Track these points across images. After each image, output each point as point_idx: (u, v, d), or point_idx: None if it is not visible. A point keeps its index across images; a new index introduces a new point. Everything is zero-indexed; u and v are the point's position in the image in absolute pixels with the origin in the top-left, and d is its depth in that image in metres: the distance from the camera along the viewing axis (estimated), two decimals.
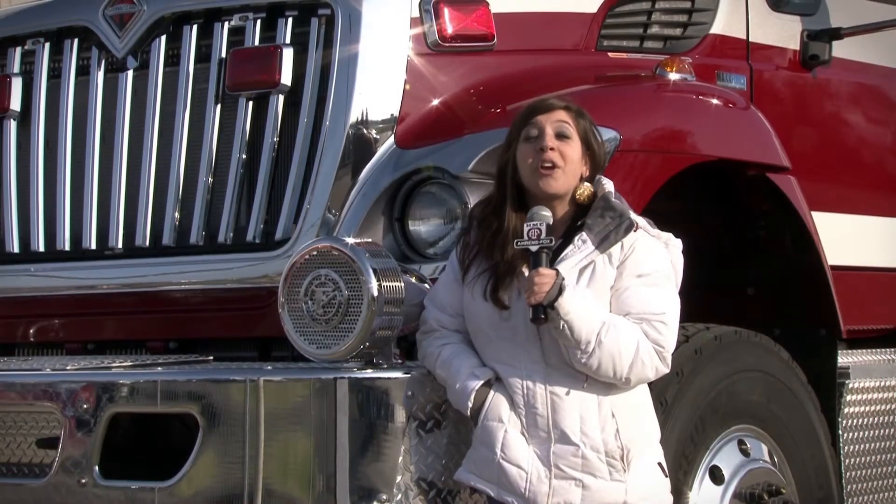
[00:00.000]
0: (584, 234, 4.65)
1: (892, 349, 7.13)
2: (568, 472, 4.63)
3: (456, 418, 4.84)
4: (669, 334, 4.70)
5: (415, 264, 5.21)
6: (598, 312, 4.59)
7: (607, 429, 4.65)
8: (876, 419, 6.67)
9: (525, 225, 4.57)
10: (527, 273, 4.58)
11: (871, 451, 6.62)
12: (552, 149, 4.66)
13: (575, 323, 4.51)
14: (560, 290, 4.47)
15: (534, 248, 4.53)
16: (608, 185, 4.78)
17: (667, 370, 4.76)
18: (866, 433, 6.60)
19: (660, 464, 4.82)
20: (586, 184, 4.76)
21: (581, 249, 4.64)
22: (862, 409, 6.57)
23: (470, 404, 4.69)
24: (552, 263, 4.58)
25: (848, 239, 6.60)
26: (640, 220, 4.74)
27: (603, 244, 4.64)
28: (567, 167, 4.69)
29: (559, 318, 4.49)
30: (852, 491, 6.44)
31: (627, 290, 4.67)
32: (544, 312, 4.49)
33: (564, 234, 4.71)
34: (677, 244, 4.83)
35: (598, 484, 4.64)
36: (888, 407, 6.76)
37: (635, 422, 4.75)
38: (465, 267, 4.80)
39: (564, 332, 4.52)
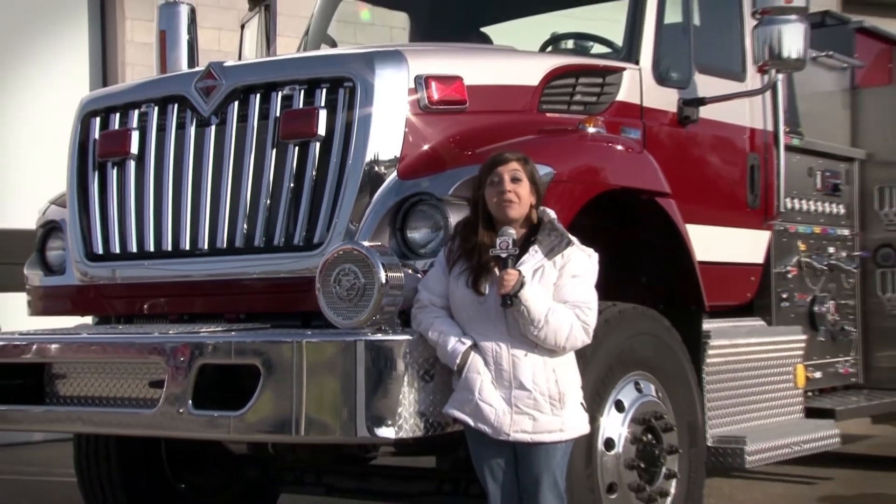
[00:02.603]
0: (536, 247, 4.67)
1: (738, 318, 7.04)
2: (524, 409, 4.60)
3: (441, 370, 4.73)
4: (593, 316, 4.71)
5: (411, 261, 5.05)
6: (546, 301, 4.60)
7: (550, 380, 4.63)
8: (727, 367, 6.54)
9: (497, 239, 4.60)
10: (498, 273, 4.58)
11: (724, 389, 6.50)
12: (509, 191, 4.68)
13: (531, 308, 4.53)
14: (521, 285, 4.52)
15: (503, 255, 4.57)
16: (552, 214, 4.81)
17: (590, 341, 4.75)
18: (721, 376, 6.47)
19: (582, 403, 4.79)
20: (532, 210, 4.77)
21: (534, 257, 4.66)
22: (718, 360, 6.44)
23: (458, 361, 4.63)
24: (515, 266, 4.57)
25: (709, 243, 6.46)
26: (574, 239, 4.77)
27: (549, 254, 4.67)
28: (521, 201, 4.71)
29: (520, 304, 4.52)
30: (711, 416, 6.32)
31: (565, 286, 4.67)
32: (510, 300, 4.52)
33: (521, 246, 4.68)
34: (595, 256, 4.83)
35: (543, 417, 4.62)
36: (735, 359, 6.62)
37: (568, 375, 4.73)
38: (451, 266, 4.76)
39: (524, 313, 4.53)
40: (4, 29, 12.29)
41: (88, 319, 6.41)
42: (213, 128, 5.62)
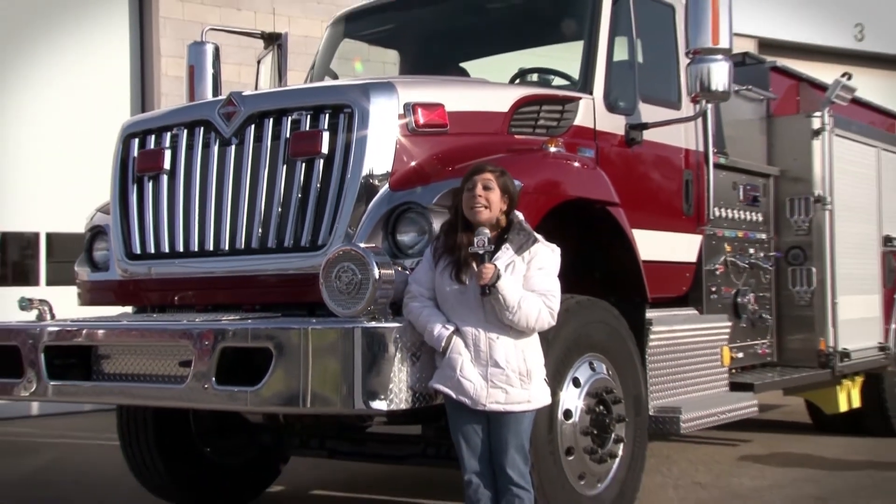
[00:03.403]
0: (507, 245, 4.58)
1: (675, 308, 6.92)
2: (498, 383, 4.52)
3: (427, 351, 4.63)
4: (556, 303, 4.61)
5: (400, 260, 4.93)
6: (518, 290, 4.50)
7: (519, 358, 4.55)
8: (666, 349, 6.41)
9: (475, 238, 4.50)
10: (476, 267, 4.49)
11: (663, 368, 6.37)
12: (480, 196, 4.58)
13: (506, 296, 4.44)
14: (498, 277, 4.42)
15: (481, 252, 4.48)
16: (520, 216, 4.72)
17: (554, 323, 4.64)
18: (661, 357, 6.34)
19: (545, 379, 4.70)
20: (503, 216, 4.66)
21: (506, 253, 4.56)
22: (659, 343, 6.31)
23: (443, 344, 4.53)
24: (491, 261, 4.49)
25: (651, 244, 6.34)
26: (539, 237, 4.68)
27: (519, 251, 4.57)
28: (491, 207, 4.61)
29: (497, 293, 4.43)
30: (653, 390, 6.20)
31: (533, 277, 4.58)
32: (489, 290, 4.43)
33: (495, 244, 4.58)
34: (558, 250, 4.72)
35: (514, 391, 4.55)
36: (673, 342, 6.49)
37: (534, 355, 4.64)
38: (436, 261, 4.66)
39: (500, 301, 4.44)
40: (32, 44, 12.00)
41: (128, 309, 6.27)
42: (233, 147, 5.49)
